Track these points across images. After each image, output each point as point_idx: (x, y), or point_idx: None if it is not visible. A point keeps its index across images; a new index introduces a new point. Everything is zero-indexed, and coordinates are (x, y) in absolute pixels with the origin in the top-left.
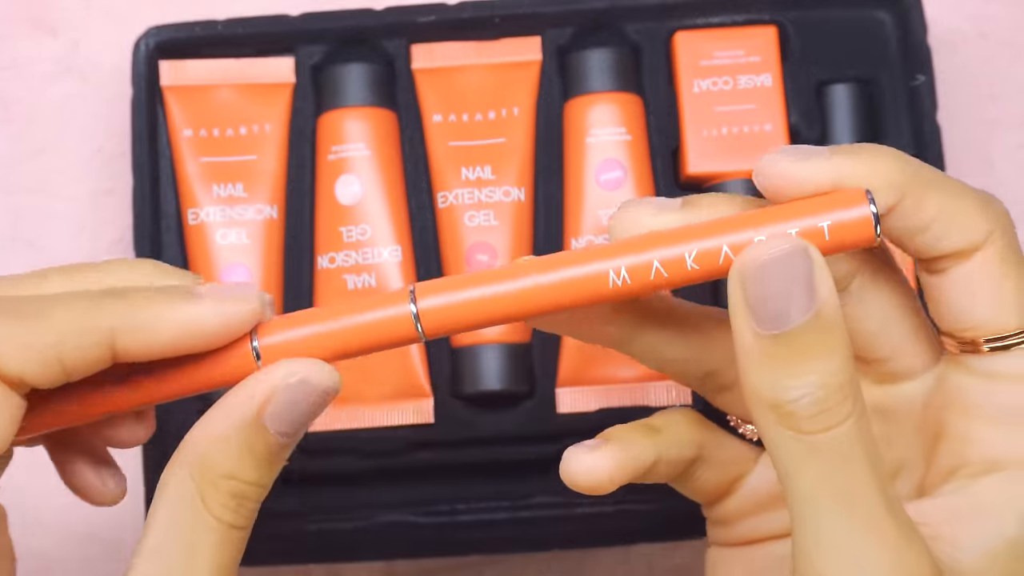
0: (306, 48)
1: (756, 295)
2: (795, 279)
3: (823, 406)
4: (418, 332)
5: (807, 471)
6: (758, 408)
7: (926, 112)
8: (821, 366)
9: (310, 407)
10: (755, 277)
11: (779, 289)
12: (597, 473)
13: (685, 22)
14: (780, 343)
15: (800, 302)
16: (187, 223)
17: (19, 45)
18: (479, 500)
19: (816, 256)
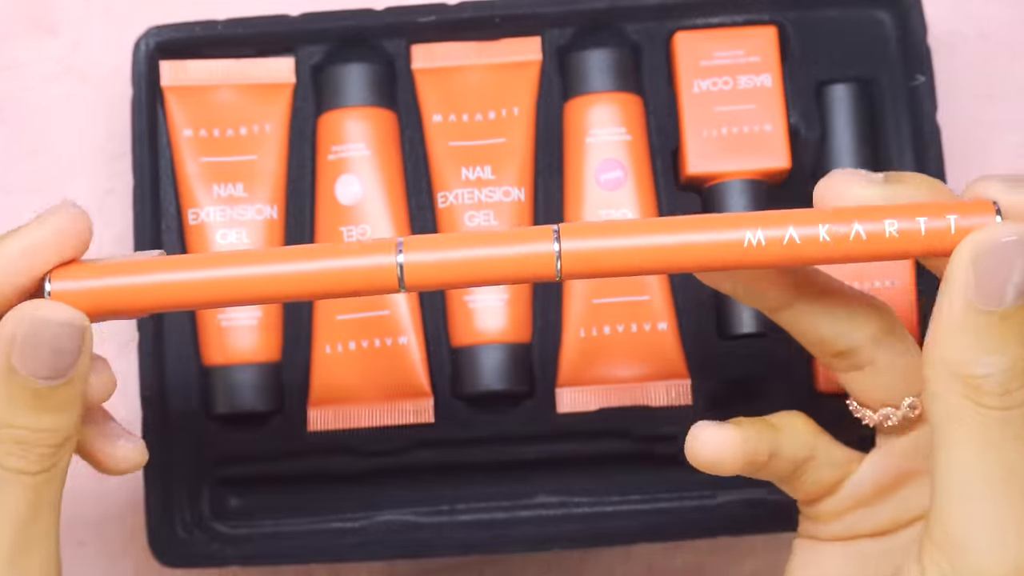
0: (306, 48)
1: (986, 270)
2: (1018, 263)
3: (1009, 386)
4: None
5: (975, 442)
6: (943, 377)
7: (926, 112)
8: (1017, 352)
9: (52, 344)
10: (989, 254)
11: (1008, 270)
12: (723, 449)
13: (685, 22)
14: (992, 319)
15: (1018, 285)
16: (187, 223)
17: (19, 45)
18: (479, 500)
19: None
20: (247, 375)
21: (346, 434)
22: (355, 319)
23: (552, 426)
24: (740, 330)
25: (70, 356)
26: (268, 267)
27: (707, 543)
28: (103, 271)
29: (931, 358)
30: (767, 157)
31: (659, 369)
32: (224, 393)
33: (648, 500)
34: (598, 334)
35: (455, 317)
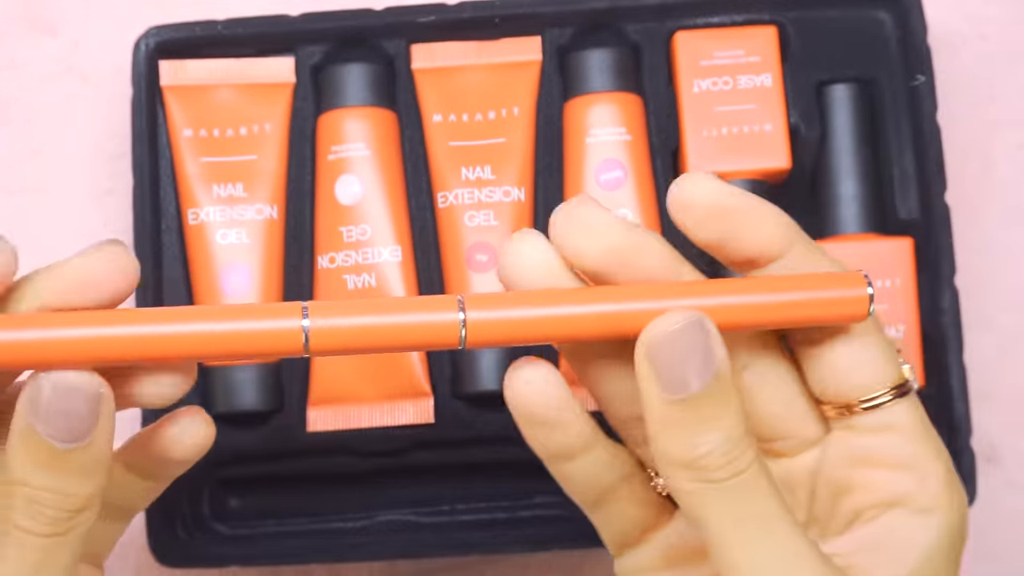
0: (306, 48)
1: (663, 363)
2: (695, 348)
3: (730, 456)
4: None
5: (724, 512)
6: (670, 468)
7: (926, 112)
8: (725, 422)
9: (68, 411)
10: (661, 348)
11: (682, 358)
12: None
13: (685, 22)
14: (687, 406)
15: (701, 368)
16: (187, 223)
17: (19, 45)
18: (479, 500)
19: (710, 326)
20: (247, 375)
21: (346, 434)
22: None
23: None
24: None
25: (86, 420)
26: (170, 327)
27: None
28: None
29: (658, 457)
30: (767, 157)
31: None
32: (224, 393)
33: None
34: None
35: None
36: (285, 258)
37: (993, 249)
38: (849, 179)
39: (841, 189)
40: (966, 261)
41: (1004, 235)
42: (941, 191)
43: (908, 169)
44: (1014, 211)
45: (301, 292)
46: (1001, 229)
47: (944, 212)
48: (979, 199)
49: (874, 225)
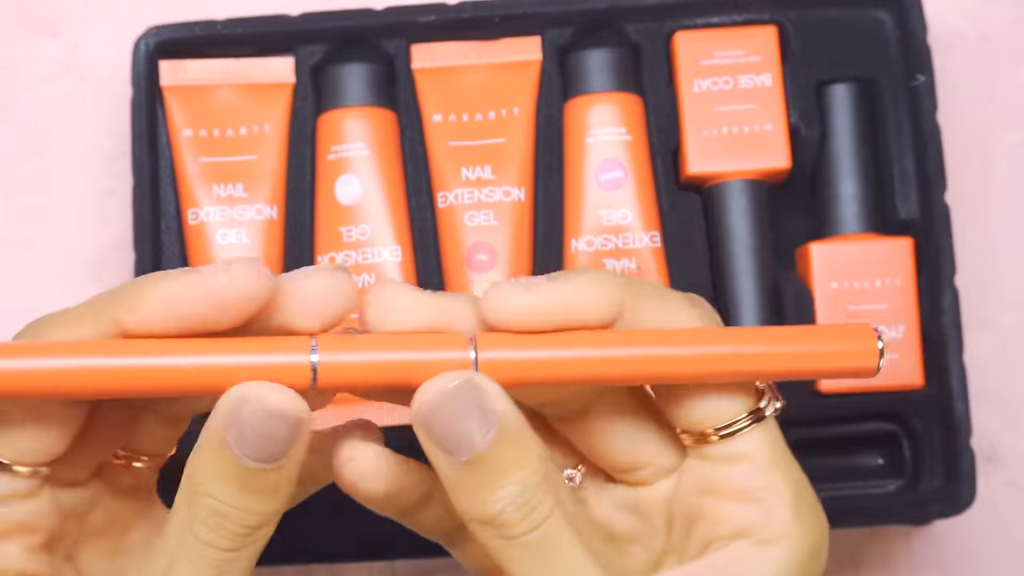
0: (306, 48)
1: (439, 431)
2: (469, 407)
3: (528, 508)
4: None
5: (528, 567)
6: (476, 528)
7: (926, 112)
8: (517, 475)
9: (264, 432)
10: (432, 415)
11: (457, 420)
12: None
13: (685, 22)
14: (474, 467)
15: (479, 426)
16: (187, 223)
17: (19, 45)
18: None
19: (482, 381)
20: None
21: None
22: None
23: None
24: None
25: (282, 445)
26: (167, 360)
27: None
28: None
29: (461, 516)
30: (767, 157)
31: None
32: None
33: None
34: None
35: None
36: (285, 258)
37: (993, 249)
38: (849, 179)
39: (841, 189)
40: (966, 261)
41: (1004, 235)
42: (941, 191)
43: (908, 169)
44: (1014, 211)
45: None
46: (1001, 229)
47: (944, 212)
48: (979, 199)
49: (874, 225)
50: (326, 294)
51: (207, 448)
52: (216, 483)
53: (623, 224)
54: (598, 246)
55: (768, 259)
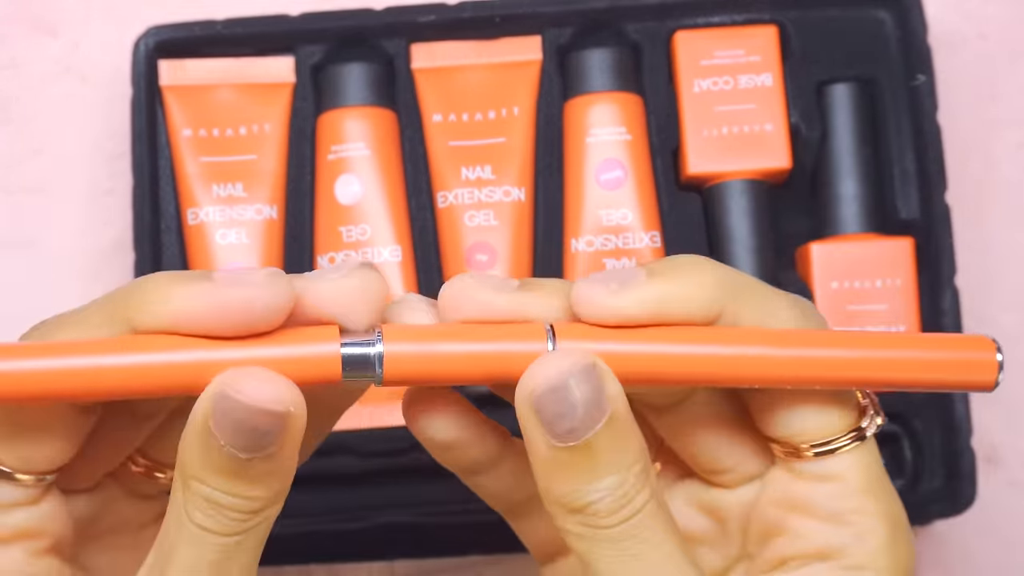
0: (306, 48)
1: (548, 413)
2: (588, 391)
3: (622, 501)
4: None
5: (613, 558)
6: (558, 511)
7: (926, 112)
8: (617, 466)
9: (248, 427)
10: (548, 394)
11: (570, 405)
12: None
13: (685, 22)
14: (577, 453)
15: (591, 413)
16: (187, 223)
17: (19, 45)
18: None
19: (602, 366)
20: None
21: (346, 434)
22: None
23: None
24: None
25: (268, 437)
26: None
27: None
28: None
29: (545, 499)
30: (767, 157)
31: None
32: None
33: None
34: None
35: None
36: (285, 258)
37: (994, 249)
38: (849, 179)
39: (841, 189)
40: (966, 261)
41: (1005, 235)
42: (941, 191)
43: (908, 169)
44: (1015, 211)
45: None
46: (1002, 229)
47: (944, 212)
48: (980, 199)
49: (874, 225)
50: (353, 296)
51: (191, 436)
52: (205, 471)
53: (623, 224)
54: (598, 246)
55: (768, 259)
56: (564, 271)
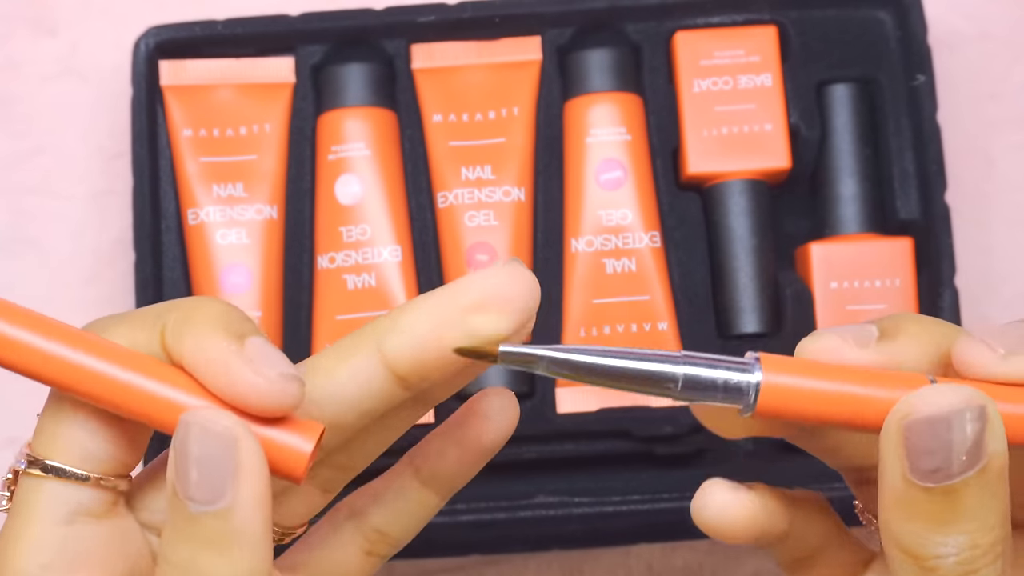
0: (306, 48)
1: (918, 444)
2: (963, 434)
3: (970, 567)
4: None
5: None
6: (897, 553)
7: (926, 112)
8: (975, 525)
9: (191, 456)
10: (920, 427)
11: (944, 443)
12: (734, 515)
13: (685, 22)
14: (935, 498)
15: (965, 459)
16: (187, 223)
17: (19, 45)
18: (479, 500)
19: (992, 412)
20: None
21: None
22: (354, 319)
23: (552, 426)
24: (740, 330)
25: (217, 476)
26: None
27: (707, 543)
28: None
29: (885, 534)
30: (767, 157)
31: None
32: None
33: (648, 500)
34: (598, 334)
35: None
36: (285, 258)
37: (993, 249)
38: (849, 179)
39: (841, 189)
40: (966, 261)
41: (1004, 235)
42: (941, 191)
43: (908, 169)
44: (1014, 211)
45: (301, 292)
46: (1001, 229)
47: (944, 212)
48: (979, 199)
49: (874, 225)
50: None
51: (167, 487)
52: (168, 534)
53: (623, 224)
54: (598, 246)
55: (768, 259)
56: (564, 271)
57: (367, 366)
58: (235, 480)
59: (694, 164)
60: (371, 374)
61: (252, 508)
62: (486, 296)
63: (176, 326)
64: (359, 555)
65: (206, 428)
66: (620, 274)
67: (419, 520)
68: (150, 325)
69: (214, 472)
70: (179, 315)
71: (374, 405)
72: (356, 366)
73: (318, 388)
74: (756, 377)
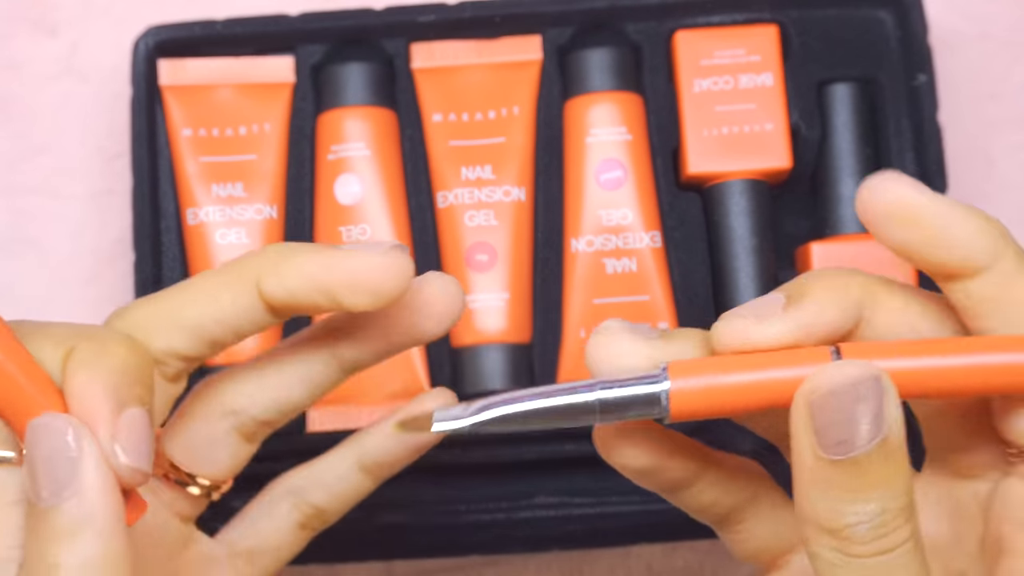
0: (306, 48)
1: (823, 420)
2: (865, 406)
3: (881, 531)
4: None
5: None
6: (812, 530)
7: (927, 112)
8: (883, 492)
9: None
10: (824, 402)
11: (848, 415)
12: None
13: (685, 21)
14: (844, 469)
15: (867, 429)
16: (187, 223)
17: (19, 45)
18: (479, 500)
19: (887, 383)
20: None
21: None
22: None
23: None
24: None
25: (63, 469)
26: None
27: (707, 543)
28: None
29: (799, 515)
30: (768, 157)
31: None
32: None
33: (648, 500)
34: None
35: None
36: None
37: None
38: (849, 179)
39: (841, 189)
40: None
41: None
42: (942, 191)
43: (909, 169)
44: (1014, 211)
45: None
46: None
47: None
48: (980, 199)
49: None
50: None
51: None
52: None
53: (623, 224)
54: (598, 246)
55: (768, 259)
56: (564, 271)
57: (247, 298)
58: (79, 469)
59: (694, 164)
60: (249, 304)
61: (98, 493)
62: (358, 277)
63: (80, 356)
64: (294, 528)
65: (49, 426)
66: (620, 274)
67: (355, 501)
68: (59, 341)
69: (59, 466)
70: (89, 348)
71: (249, 329)
72: (238, 295)
73: (204, 312)
74: (665, 386)
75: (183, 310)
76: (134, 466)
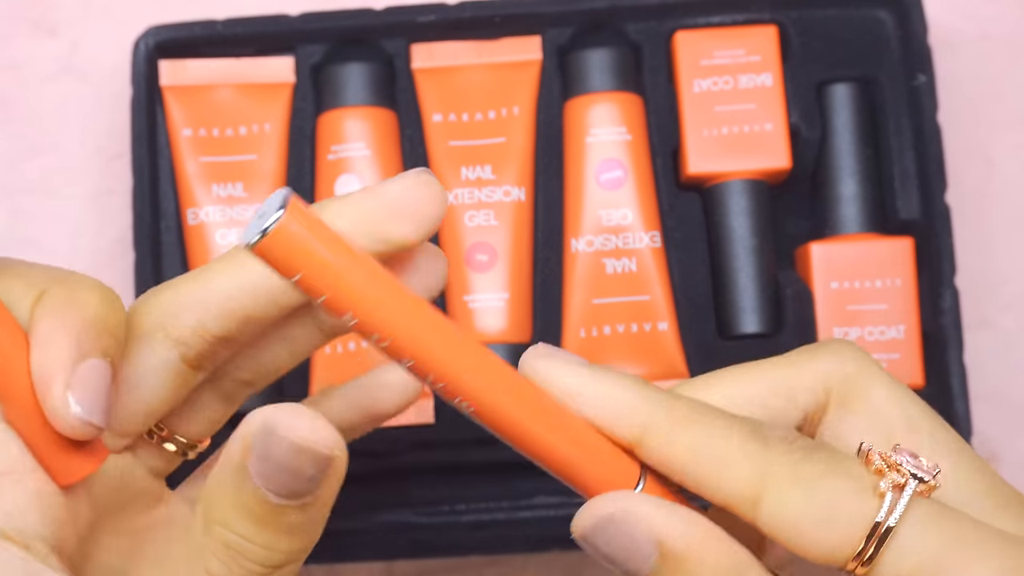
0: (306, 48)
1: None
2: (623, 536)
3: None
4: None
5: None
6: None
7: (927, 112)
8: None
9: (291, 469)
10: (591, 536)
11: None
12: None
13: (685, 21)
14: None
15: (640, 554)
16: (187, 223)
17: (19, 45)
18: (479, 500)
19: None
20: None
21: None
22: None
23: None
24: (741, 330)
25: (309, 483)
26: None
27: None
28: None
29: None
30: (767, 157)
31: (659, 369)
32: None
33: None
34: (598, 334)
35: (455, 317)
36: None
37: (993, 249)
38: (849, 179)
39: (841, 189)
40: (966, 261)
41: (1004, 235)
42: (942, 191)
43: (909, 169)
44: (1015, 211)
45: None
46: (1001, 229)
47: (944, 212)
48: (979, 199)
49: (874, 225)
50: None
51: (226, 474)
52: (232, 514)
53: (623, 224)
54: (598, 246)
55: (768, 259)
56: (564, 271)
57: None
58: (324, 484)
59: (694, 164)
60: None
61: (328, 502)
62: (400, 203)
63: (49, 302)
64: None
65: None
66: (620, 274)
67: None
68: (32, 283)
69: (305, 480)
70: (59, 294)
71: (282, 298)
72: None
73: (233, 283)
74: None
75: (211, 283)
76: (86, 418)
